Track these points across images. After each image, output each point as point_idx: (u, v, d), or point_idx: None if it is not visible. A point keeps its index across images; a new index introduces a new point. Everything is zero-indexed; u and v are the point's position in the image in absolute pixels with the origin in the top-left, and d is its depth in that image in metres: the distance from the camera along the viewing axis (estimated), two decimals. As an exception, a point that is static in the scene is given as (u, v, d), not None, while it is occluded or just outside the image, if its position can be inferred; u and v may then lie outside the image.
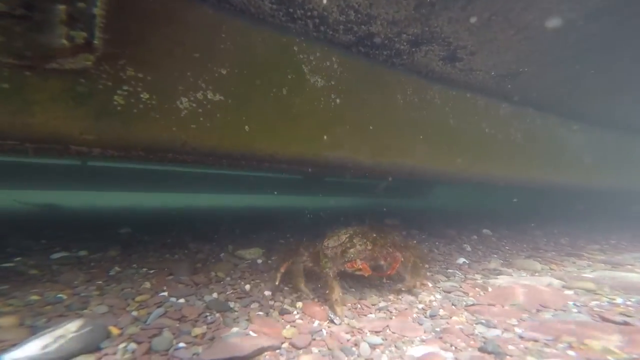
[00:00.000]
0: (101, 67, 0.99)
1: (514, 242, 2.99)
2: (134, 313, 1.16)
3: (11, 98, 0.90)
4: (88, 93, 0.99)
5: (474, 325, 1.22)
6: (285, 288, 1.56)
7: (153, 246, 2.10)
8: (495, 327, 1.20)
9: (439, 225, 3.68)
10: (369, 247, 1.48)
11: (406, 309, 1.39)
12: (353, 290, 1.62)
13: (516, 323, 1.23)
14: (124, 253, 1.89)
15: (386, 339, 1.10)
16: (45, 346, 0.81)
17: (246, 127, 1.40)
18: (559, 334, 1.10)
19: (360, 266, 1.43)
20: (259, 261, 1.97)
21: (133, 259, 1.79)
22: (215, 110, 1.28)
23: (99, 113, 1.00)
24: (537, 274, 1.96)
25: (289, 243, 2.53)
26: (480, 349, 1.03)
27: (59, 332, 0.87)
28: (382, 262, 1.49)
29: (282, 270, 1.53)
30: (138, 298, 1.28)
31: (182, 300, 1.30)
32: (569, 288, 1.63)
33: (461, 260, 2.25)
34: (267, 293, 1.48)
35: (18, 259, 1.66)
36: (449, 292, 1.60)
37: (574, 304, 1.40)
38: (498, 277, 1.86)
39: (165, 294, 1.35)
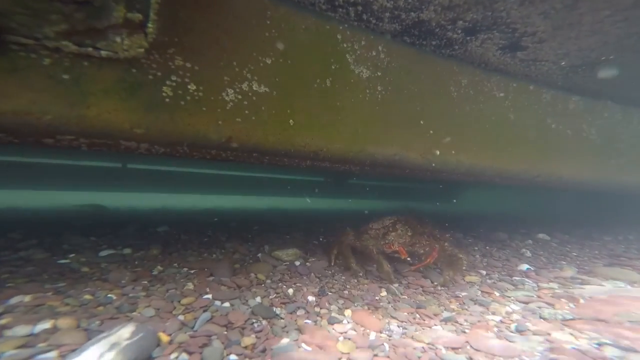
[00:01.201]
0: (151, 56, 0.94)
1: (581, 247, 2.67)
2: (181, 317, 1.11)
3: (70, 89, 0.88)
4: (139, 84, 0.95)
5: (598, 347, 1.01)
6: (329, 293, 1.46)
7: (191, 245, 2.10)
8: (635, 351, 0.97)
9: (483, 229, 3.39)
10: (409, 234, 1.66)
11: (479, 320, 1.22)
12: (405, 297, 1.47)
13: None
14: (164, 251, 1.89)
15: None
16: (101, 355, 0.76)
17: (291, 121, 1.30)
18: None
19: (397, 249, 1.60)
20: (297, 263, 1.88)
21: (174, 258, 1.77)
22: (261, 102, 1.20)
23: (149, 105, 0.95)
24: (636, 284, 1.69)
25: (323, 244, 2.44)
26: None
27: (113, 338, 0.83)
28: (421, 251, 1.65)
29: (335, 251, 1.76)
30: (184, 301, 1.23)
31: (227, 305, 1.24)
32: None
33: (524, 266, 2.04)
34: (311, 298, 1.38)
35: (72, 255, 1.71)
36: (527, 303, 1.41)
37: None
38: (584, 286, 1.63)
39: (210, 296, 1.29)
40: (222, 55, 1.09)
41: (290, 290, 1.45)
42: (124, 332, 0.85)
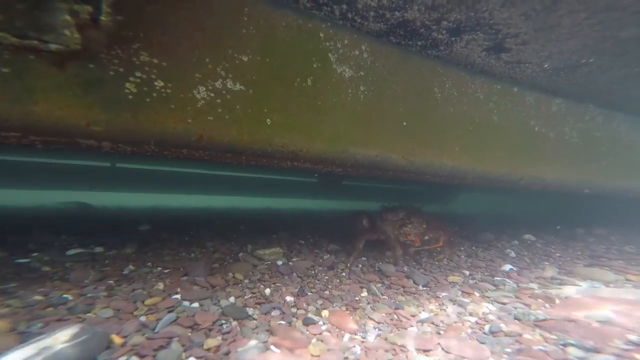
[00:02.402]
0: (113, 52, 0.90)
1: (565, 248, 2.70)
2: (142, 318, 1.07)
3: (11, 84, 0.83)
4: (97, 80, 0.91)
5: (562, 347, 1.02)
6: (309, 293, 1.45)
7: (170, 244, 2.06)
8: (597, 352, 0.97)
9: (471, 229, 3.43)
10: (424, 226, 2.00)
11: (455, 322, 1.22)
12: (385, 297, 1.47)
13: (626, 346, 1.00)
14: (140, 250, 1.84)
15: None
16: (24, 360, 0.67)
17: (268, 120, 1.28)
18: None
19: (413, 239, 1.93)
20: (280, 262, 1.87)
21: (148, 257, 1.74)
22: (235, 101, 1.17)
23: (108, 102, 0.91)
24: (611, 284, 1.71)
25: (309, 244, 2.43)
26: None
27: (46, 342, 0.76)
28: (429, 237, 2.02)
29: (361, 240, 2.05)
30: (148, 301, 1.19)
31: (196, 305, 1.21)
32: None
33: (507, 267, 2.06)
34: (289, 299, 1.37)
35: (35, 254, 1.65)
36: (505, 304, 1.41)
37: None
38: (562, 287, 1.65)
39: (179, 296, 1.26)
40: (194, 51, 1.06)
41: (268, 290, 1.43)
42: (62, 335, 0.79)
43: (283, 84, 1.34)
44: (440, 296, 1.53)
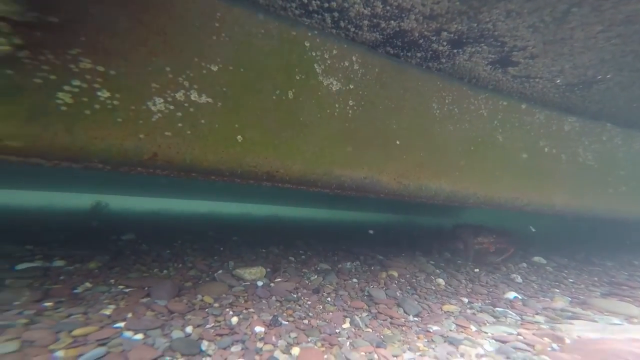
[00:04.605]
0: (42, 57, 0.81)
1: (579, 273, 2.47)
2: (58, 354, 0.91)
3: None
4: (16, 88, 0.81)
5: None
6: (284, 322, 1.31)
7: (146, 258, 1.96)
8: None
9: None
10: (494, 237, 2.72)
11: None
12: (369, 330, 1.32)
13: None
14: (107, 265, 1.73)
15: None
16: None
17: (239, 137, 1.17)
18: None
19: (487, 246, 2.62)
20: (260, 283, 1.74)
21: (113, 273, 1.62)
22: (200, 114, 1.07)
23: (32, 114, 0.82)
24: (635, 320, 1.50)
25: (300, 262, 2.28)
26: None
27: None
28: (499, 246, 2.70)
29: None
30: (78, 331, 1.03)
31: (138, 337, 1.06)
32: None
33: (511, 294, 1.87)
34: (258, 329, 1.23)
35: None
36: (504, 342, 1.24)
37: None
38: (573, 322, 1.45)
39: (122, 324, 1.11)
40: (150, 59, 0.97)
41: (235, 319, 1.29)
42: None
43: (259, 97, 1.23)
44: (431, 330, 1.37)
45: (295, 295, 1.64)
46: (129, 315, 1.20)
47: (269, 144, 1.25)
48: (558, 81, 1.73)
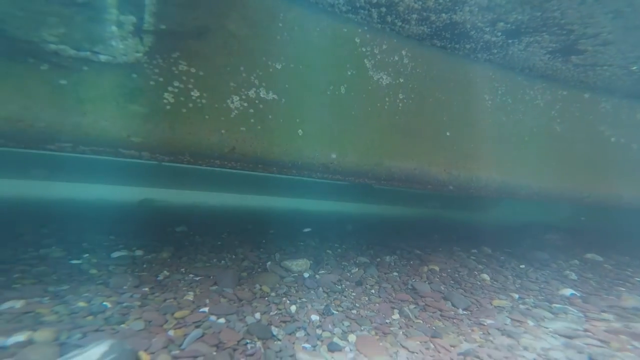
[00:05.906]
0: (154, 61, 0.92)
1: None
2: (171, 333, 1.06)
3: (66, 95, 0.87)
4: (139, 90, 0.92)
5: None
6: (335, 312, 1.36)
7: (203, 249, 2.09)
8: None
9: (518, 244, 3.07)
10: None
11: (506, 357, 1.05)
12: (420, 321, 1.33)
13: None
14: (175, 255, 1.88)
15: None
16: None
17: (299, 130, 1.23)
18: None
19: None
20: (306, 275, 1.80)
21: (182, 262, 1.76)
22: (267, 110, 1.14)
23: (149, 113, 0.93)
24: None
25: (337, 254, 2.33)
26: None
27: None
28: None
29: None
30: (178, 314, 1.19)
31: (222, 321, 1.18)
32: None
33: (568, 291, 1.79)
34: (314, 318, 1.30)
35: (86, 255, 1.71)
36: (570, 338, 1.20)
37: None
38: None
39: (206, 309, 1.25)
40: (229, 59, 1.05)
41: (294, 307, 1.37)
42: (93, 353, 0.79)
43: (315, 93, 1.28)
44: (485, 323, 1.35)
45: (339, 287, 1.69)
46: (207, 301, 1.32)
47: (324, 136, 1.31)
48: (634, 68, 1.63)
